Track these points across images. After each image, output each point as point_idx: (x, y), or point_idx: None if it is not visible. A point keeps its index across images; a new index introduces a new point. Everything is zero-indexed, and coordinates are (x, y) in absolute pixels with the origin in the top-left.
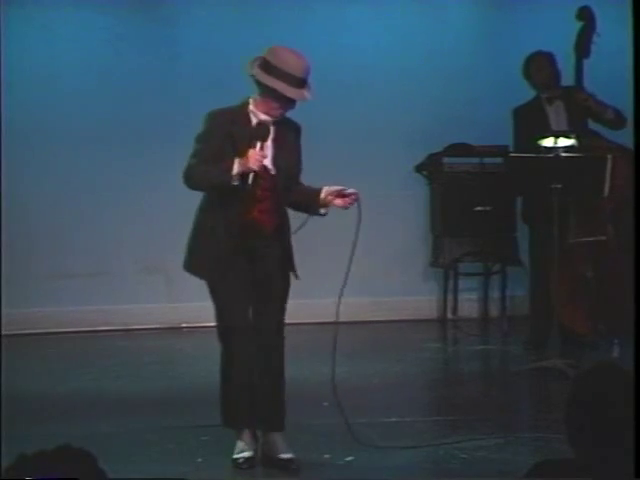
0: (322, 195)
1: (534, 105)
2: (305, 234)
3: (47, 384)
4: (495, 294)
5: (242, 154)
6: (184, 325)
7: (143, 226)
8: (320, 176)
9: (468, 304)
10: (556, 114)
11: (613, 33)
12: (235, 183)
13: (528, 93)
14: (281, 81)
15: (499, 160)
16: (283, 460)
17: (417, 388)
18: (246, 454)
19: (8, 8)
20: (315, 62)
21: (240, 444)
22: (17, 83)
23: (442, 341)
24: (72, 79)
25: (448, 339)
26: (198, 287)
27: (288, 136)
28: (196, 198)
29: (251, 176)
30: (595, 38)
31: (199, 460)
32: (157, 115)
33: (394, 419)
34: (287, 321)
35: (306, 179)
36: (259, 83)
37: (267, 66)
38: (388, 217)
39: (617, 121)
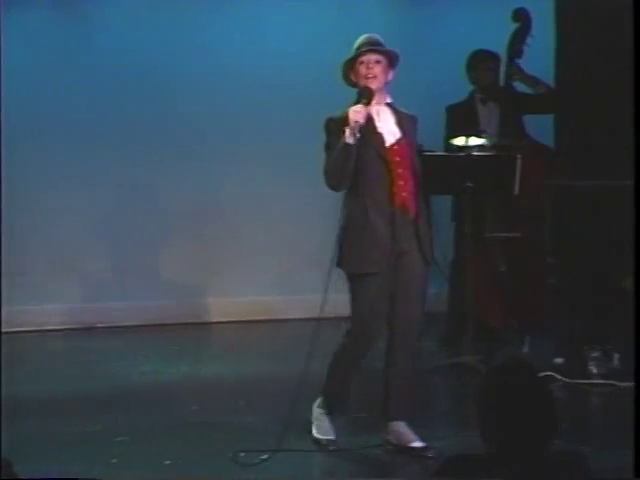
0: None
1: (467, 105)
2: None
3: None
4: None
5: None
6: (99, 325)
7: (57, 225)
8: (245, 175)
9: None
10: (488, 114)
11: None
12: (349, 141)
13: (448, 93)
14: (356, 51)
15: None
16: (416, 449)
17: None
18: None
19: None
20: (232, 61)
21: (325, 425)
22: None
23: None
24: None
25: None
26: (112, 287)
27: (409, 122)
28: (108, 198)
29: (356, 131)
30: (529, 40)
31: (114, 461)
32: (76, 114)
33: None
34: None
35: (232, 179)
36: (348, 65)
37: None
38: (309, 216)
39: (549, 97)
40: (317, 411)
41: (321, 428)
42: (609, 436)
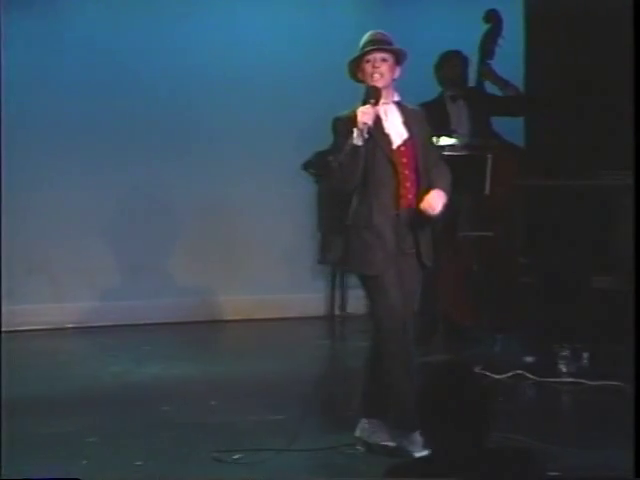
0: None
1: (437, 103)
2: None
3: None
4: None
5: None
6: (69, 326)
7: (27, 225)
8: (211, 173)
9: (355, 301)
10: (457, 112)
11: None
12: (357, 143)
13: (421, 94)
14: (361, 50)
15: None
16: (388, 447)
17: (306, 386)
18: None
19: None
20: (204, 60)
21: (417, 440)
22: None
23: (330, 338)
24: None
25: (336, 336)
26: (82, 287)
27: (415, 119)
28: (79, 198)
29: (364, 133)
30: (500, 41)
31: (84, 462)
32: (43, 112)
33: (282, 417)
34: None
35: (196, 179)
36: (354, 63)
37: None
38: (276, 215)
39: (517, 100)
40: (397, 438)
41: (415, 445)
42: (578, 434)
